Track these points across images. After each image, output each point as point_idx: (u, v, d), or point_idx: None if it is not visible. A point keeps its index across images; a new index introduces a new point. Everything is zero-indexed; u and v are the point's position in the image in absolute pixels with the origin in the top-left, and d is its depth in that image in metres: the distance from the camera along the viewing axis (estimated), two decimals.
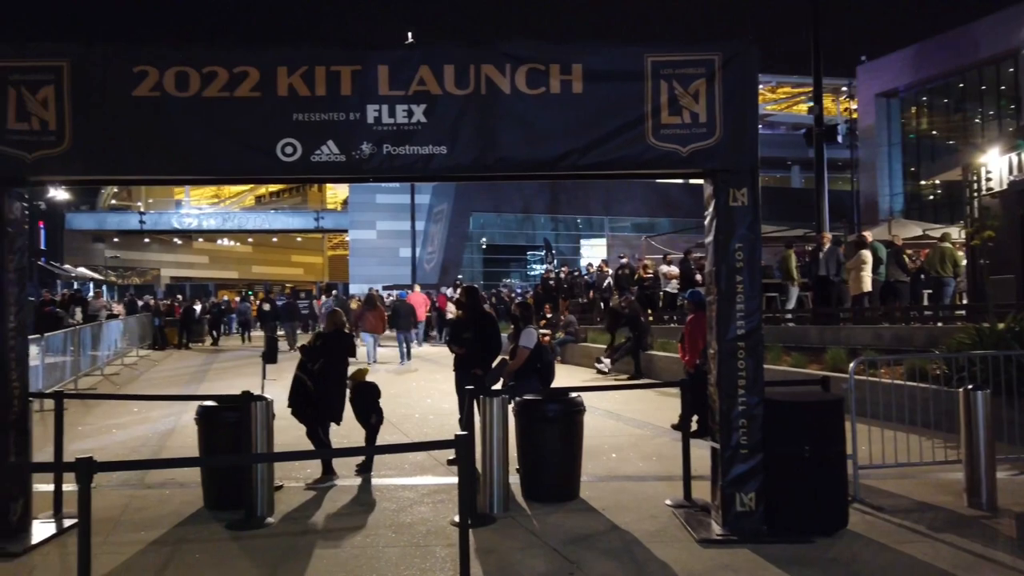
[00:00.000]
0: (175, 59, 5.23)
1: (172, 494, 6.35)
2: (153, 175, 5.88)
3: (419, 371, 16.44)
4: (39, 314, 18.10)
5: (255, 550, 5.03)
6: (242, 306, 30.15)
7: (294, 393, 6.88)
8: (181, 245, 65.45)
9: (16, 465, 5.38)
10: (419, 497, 6.16)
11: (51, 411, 6.59)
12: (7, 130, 5.21)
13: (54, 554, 5.06)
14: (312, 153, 5.29)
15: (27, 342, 5.83)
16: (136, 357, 20.79)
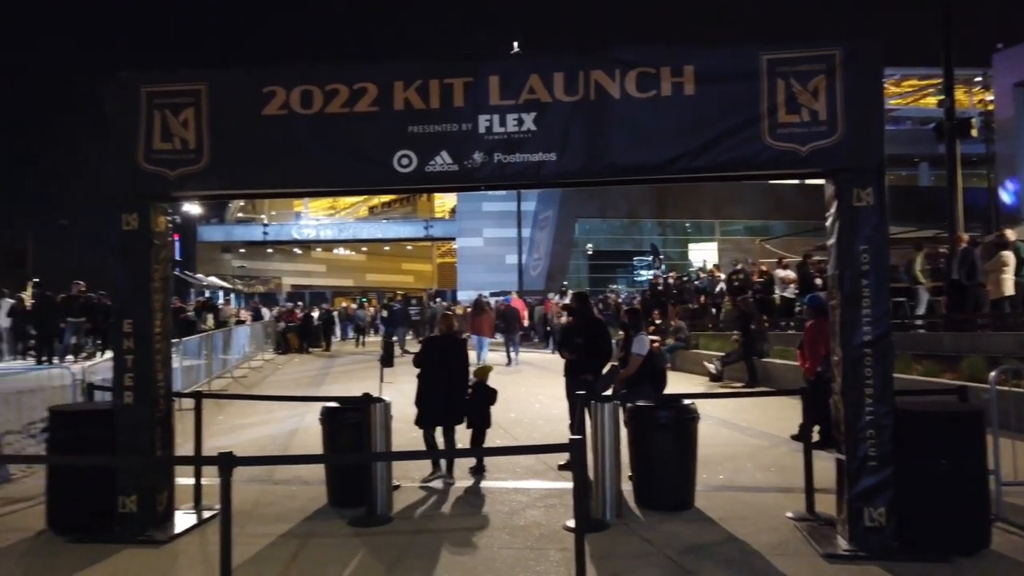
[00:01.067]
0: (300, 78, 5.55)
1: (299, 491, 6.69)
2: (280, 188, 6.27)
3: (525, 375, 16.56)
4: (176, 320, 19.56)
5: (376, 546, 5.22)
6: (358, 312, 31.46)
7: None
8: (301, 255, 68.78)
9: (164, 459, 5.84)
10: (531, 501, 6.22)
11: (188, 410, 7.10)
12: (152, 150, 5.69)
13: (195, 543, 5.45)
14: (427, 163, 5.47)
15: (170, 346, 6.32)
16: (261, 361, 22.01)
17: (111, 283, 5.93)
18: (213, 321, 23.91)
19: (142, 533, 5.51)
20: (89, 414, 6.13)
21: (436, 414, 7.08)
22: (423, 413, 7.05)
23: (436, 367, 7.10)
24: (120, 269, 5.77)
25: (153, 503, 5.71)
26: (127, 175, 5.70)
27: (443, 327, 7.51)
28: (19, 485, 7.29)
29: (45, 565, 5.01)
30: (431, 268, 74.36)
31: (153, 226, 5.83)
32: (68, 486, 5.76)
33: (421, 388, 7.07)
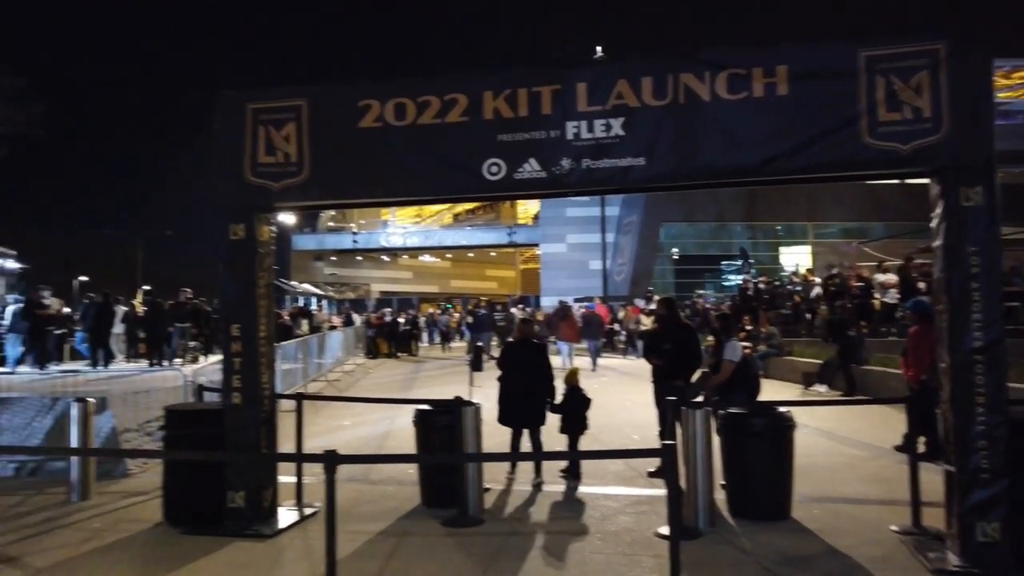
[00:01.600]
0: (394, 91, 5.75)
1: (394, 491, 6.90)
2: (375, 197, 6.50)
3: (611, 381, 16.46)
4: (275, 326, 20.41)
5: (469, 546, 5.34)
6: (442, 318, 32.05)
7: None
8: (388, 262, 70.56)
9: (273, 455, 6.14)
10: (621, 507, 6.20)
11: (287, 412, 7.42)
12: (258, 164, 6.01)
13: (299, 538, 5.71)
14: (515, 171, 5.56)
15: (274, 349, 6.64)
16: (353, 365, 22.72)
17: (220, 289, 6.30)
18: (308, 327, 24.83)
19: (249, 527, 5.81)
20: (201, 413, 6.53)
21: (515, 414, 7.27)
22: (502, 412, 7.28)
23: (514, 370, 7.35)
24: (228, 276, 6.12)
25: (259, 499, 6.01)
26: (235, 188, 6.04)
27: (520, 332, 7.84)
28: (136, 480, 7.82)
29: (164, 555, 5.36)
30: (514, 274, 74.82)
31: (258, 235, 6.16)
32: (182, 482, 6.15)
33: (501, 390, 7.34)
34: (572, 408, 7.28)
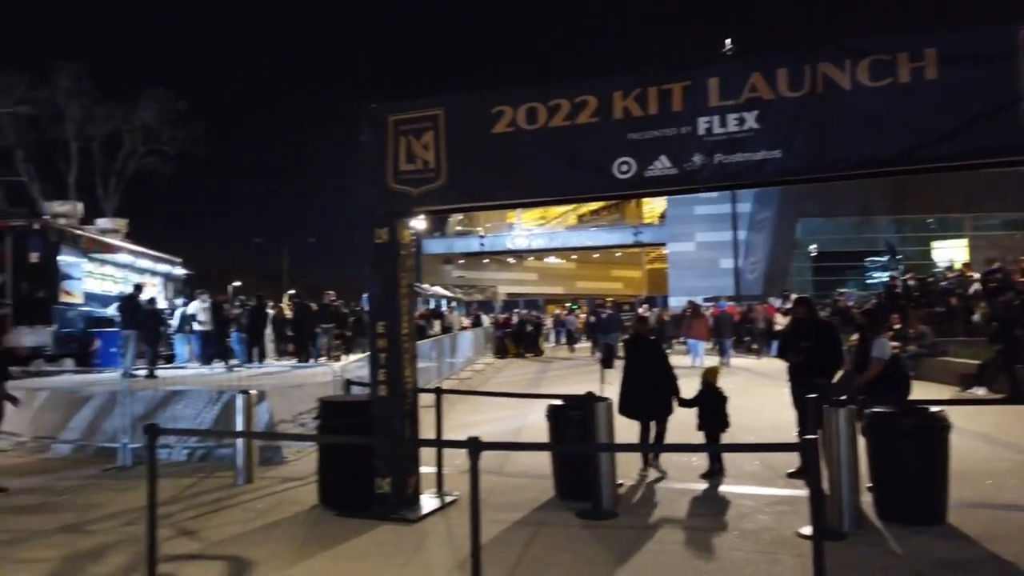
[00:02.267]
0: (526, 97, 5.96)
1: (528, 483, 7.11)
2: (508, 199, 6.74)
3: (744, 381, 15.98)
4: None
5: (604, 538, 5.44)
6: (568, 319, 32.26)
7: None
8: (514, 264, 71.64)
9: (421, 441, 6.51)
10: (759, 506, 6.09)
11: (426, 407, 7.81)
12: (399, 171, 6.40)
13: (441, 523, 6.02)
14: (646, 169, 5.61)
15: (415, 345, 7.02)
16: (483, 364, 23.34)
17: (367, 289, 6.74)
18: (439, 328, 25.75)
19: (395, 512, 6.20)
20: (351, 404, 7.02)
21: (633, 407, 7.53)
22: (621, 404, 7.54)
23: (632, 364, 7.76)
24: (373, 277, 6.55)
25: (404, 486, 6.39)
26: (379, 194, 6.46)
27: (634, 329, 8.35)
28: (292, 466, 8.49)
29: (320, 533, 5.82)
30: (641, 274, 73.87)
31: (400, 239, 6.56)
32: (335, 468, 6.64)
33: (622, 383, 7.70)
34: (708, 404, 7.26)
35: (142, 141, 33.96)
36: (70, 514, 6.53)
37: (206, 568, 5.08)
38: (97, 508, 6.76)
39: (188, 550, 5.48)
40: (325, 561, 5.17)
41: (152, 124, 33.76)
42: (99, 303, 16.79)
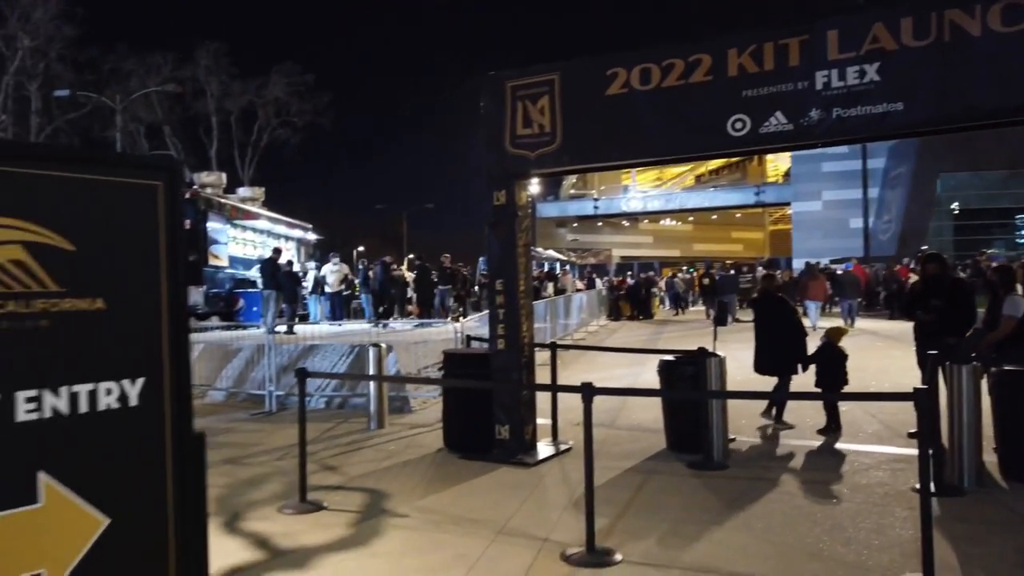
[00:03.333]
0: (640, 58, 6.07)
1: (639, 435, 7.36)
2: (621, 160, 6.88)
3: (869, 343, 15.39)
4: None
5: (714, 487, 5.63)
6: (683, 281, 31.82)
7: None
8: (628, 227, 70.73)
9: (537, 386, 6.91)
10: (875, 463, 6.07)
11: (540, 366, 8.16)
12: (516, 136, 6.68)
13: (556, 468, 6.40)
14: (760, 126, 5.62)
15: (532, 303, 7.36)
16: (596, 326, 23.55)
17: (486, 249, 7.12)
18: (553, 290, 26.10)
19: (514, 457, 6.62)
20: (472, 356, 7.49)
21: (761, 363, 7.78)
22: (755, 362, 7.87)
23: (759, 322, 8.04)
24: (492, 238, 6.91)
25: (521, 433, 6.80)
26: (497, 158, 6.78)
27: (763, 287, 8.51)
28: (418, 415, 9.13)
29: (447, 472, 6.33)
30: (762, 236, 71.13)
31: (517, 200, 6.87)
32: (458, 416, 7.15)
33: (755, 341, 8.01)
34: (826, 361, 7.24)
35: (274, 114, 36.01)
36: (229, 450, 7.39)
37: (348, 496, 5.69)
38: (252, 446, 7.60)
39: (331, 482, 6.13)
40: (452, 495, 5.66)
41: (282, 97, 35.70)
42: (242, 266, 18.31)
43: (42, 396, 1.52)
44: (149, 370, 1.68)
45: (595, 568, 4.13)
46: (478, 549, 4.46)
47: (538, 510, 5.24)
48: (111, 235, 1.63)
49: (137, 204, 1.65)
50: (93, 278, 1.59)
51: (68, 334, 1.56)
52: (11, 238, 1.47)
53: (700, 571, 4.05)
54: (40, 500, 1.51)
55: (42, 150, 1.51)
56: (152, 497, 1.69)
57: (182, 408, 1.74)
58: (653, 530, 4.72)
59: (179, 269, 1.70)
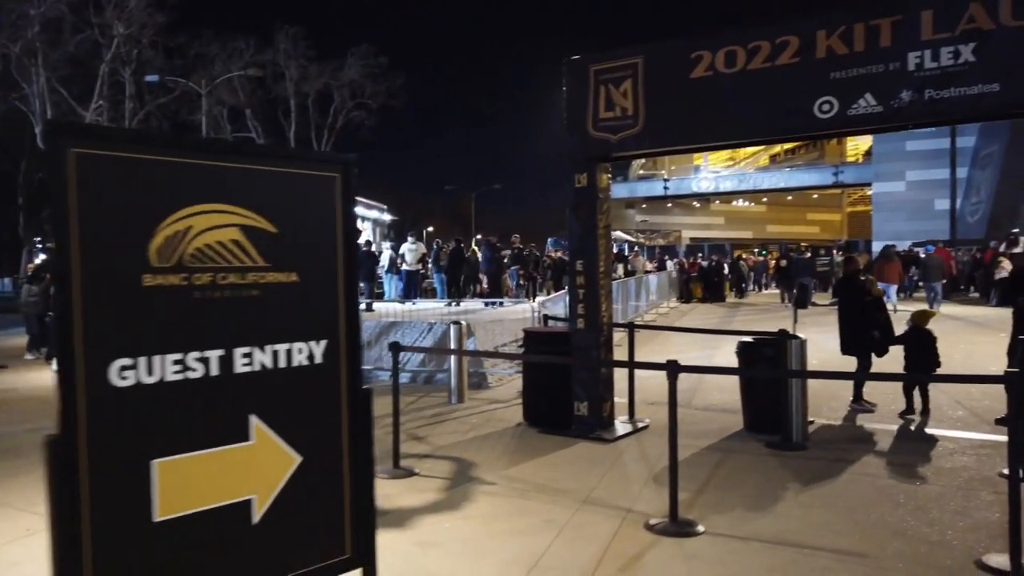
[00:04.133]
0: (725, 41, 6.10)
1: (716, 416, 7.47)
2: (703, 143, 6.94)
3: (955, 329, 14.89)
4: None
5: (793, 467, 5.71)
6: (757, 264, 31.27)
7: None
8: (699, 207, 69.54)
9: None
10: (960, 448, 6.03)
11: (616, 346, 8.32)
12: (599, 119, 6.81)
13: (634, 444, 6.57)
14: (849, 107, 5.60)
15: (611, 283, 7.52)
16: (667, 308, 23.43)
17: (567, 231, 7.30)
18: (623, 271, 26.06)
19: (592, 432, 6.83)
20: (552, 334, 7.70)
21: (844, 344, 7.79)
22: (840, 344, 7.90)
23: (842, 304, 8.06)
24: (573, 219, 7.08)
25: (600, 410, 7.00)
26: (579, 141, 6.93)
27: (846, 270, 8.57)
28: (495, 391, 9.43)
29: (527, 444, 6.59)
30: (839, 217, 68.86)
31: (598, 183, 7.01)
32: (538, 392, 7.39)
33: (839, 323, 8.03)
34: (913, 345, 7.20)
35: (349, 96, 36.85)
36: None
37: (437, 464, 6.02)
38: None
39: (419, 451, 6.47)
40: (535, 466, 5.91)
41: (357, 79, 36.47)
42: None
43: (253, 353, 1.82)
44: (330, 333, 1.97)
45: (679, 537, 4.31)
46: (564, 516, 4.70)
47: (619, 483, 5.44)
48: (302, 219, 1.91)
49: (320, 193, 1.92)
50: (289, 255, 1.88)
51: (272, 302, 1.85)
52: (230, 222, 1.76)
53: (783, 544, 4.18)
54: (252, 438, 1.81)
55: (249, 148, 1.78)
56: (332, 440, 1.97)
57: (354, 366, 2.02)
58: (734, 505, 4.86)
59: (352, 249, 1.98)
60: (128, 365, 1.63)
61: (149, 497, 1.64)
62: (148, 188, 1.61)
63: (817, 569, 3.83)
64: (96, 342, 1.55)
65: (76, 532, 1.52)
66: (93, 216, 1.53)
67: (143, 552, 1.63)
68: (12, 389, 10.04)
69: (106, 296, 1.57)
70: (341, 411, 2.00)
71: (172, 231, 1.66)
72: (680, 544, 4.23)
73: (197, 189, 1.71)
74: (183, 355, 1.70)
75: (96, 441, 1.54)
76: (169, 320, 1.70)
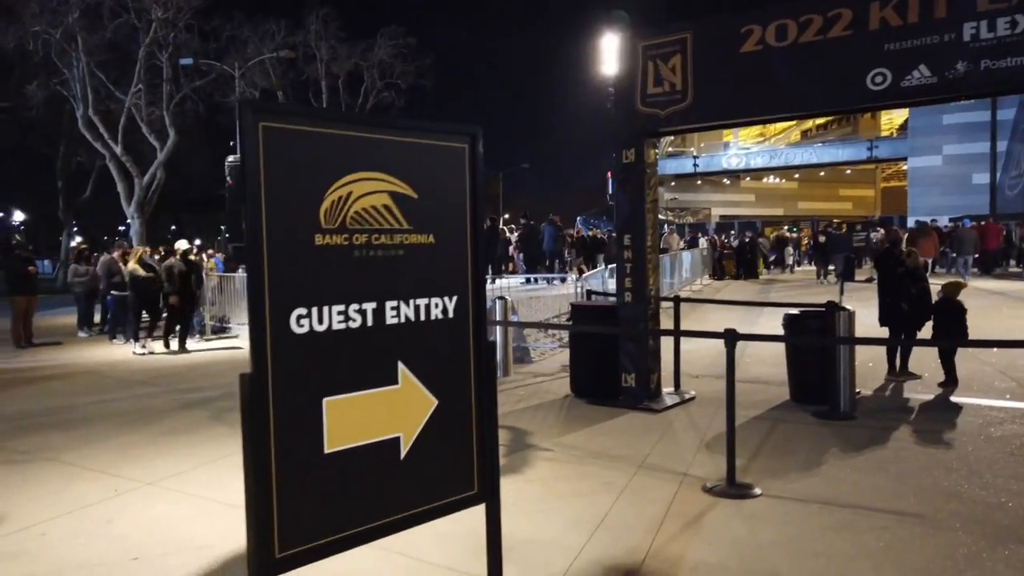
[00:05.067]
0: (777, 14, 6.13)
1: (761, 388, 7.58)
2: (751, 116, 6.98)
3: (996, 304, 14.76)
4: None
5: (843, 435, 5.82)
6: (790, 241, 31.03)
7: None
8: (729, 185, 68.75)
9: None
10: (1009, 417, 6.09)
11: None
12: (647, 94, 6.89)
13: (683, 414, 6.72)
14: (902, 79, 5.63)
15: (658, 257, 7.63)
16: (700, 285, 23.42)
17: (615, 206, 7.42)
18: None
19: (640, 403, 6.99)
20: (598, 308, 7.86)
21: (882, 316, 7.86)
22: (879, 316, 7.95)
23: (883, 278, 8.06)
24: (620, 195, 7.19)
25: (647, 381, 7.15)
26: (627, 117, 7.02)
27: (886, 243, 8.84)
28: (539, 365, 9.61)
29: (576, 414, 6.77)
30: (873, 193, 67.72)
31: (646, 158, 7.11)
32: (585, 364, 7.56)
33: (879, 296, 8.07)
34: (943, 315, 7.25)
35: (379, 76, 37.00)
36: None
37: None
38: None
39: None
40: (587, 434, 6.09)
41: (387, 60, 36.58)
42: None
43: (399, 306, 2.03)
44: (460, 291, 2.16)
45: (737, 499, 4.46)
46: (622, 480, 4.88)
47: (672, 449, 5.60)
48: (437, 186, 2.10)
49: (451, 162, 2.10)
50: (428, 219, 2.08)
51: (414, 261, 2.05)
52: (382, 188, 1.95)
53: (840, 505, 4.31)
54: (399, 382, 2.02)
55: (394, 121, 1.94)
56: (463, 386, 2.17)
57: (480, 321, 2.21)
58: (788, 470, 5.00)
59: (479, 214, 2.16)
60: (303, 314, 1.84)
61: (321, 431, 1.84)
62: (319, 158, 1.80)
63: (876, 528, 3.97)
64: (279, 293, 1.75)
65: (266, 459, 1.72)
66: (277, 182, 1.73)
67: (316, 480, 1.84)
68: (71, 363, 10.46)
69: (286, 253, 1.77)
70: (469, 360, 2.19)
71: (337, 196, 1.86)
72: (739, 505, 4.38)
73: (356, 159, 1.91)
74: (345, 306, 1.90)
75: (279, 379, 1.74)
76: (334, 275, 1.90)
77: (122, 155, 25.83)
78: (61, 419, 6.93)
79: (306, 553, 1.92)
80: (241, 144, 1.70)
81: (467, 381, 2.20)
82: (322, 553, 1.95)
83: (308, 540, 1.89)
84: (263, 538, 1.78)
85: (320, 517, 1.91)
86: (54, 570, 3.65)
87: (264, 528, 1.78)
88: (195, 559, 3.75)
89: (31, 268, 12.53)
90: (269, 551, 1.81)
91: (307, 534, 1.88)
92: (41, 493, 4.81)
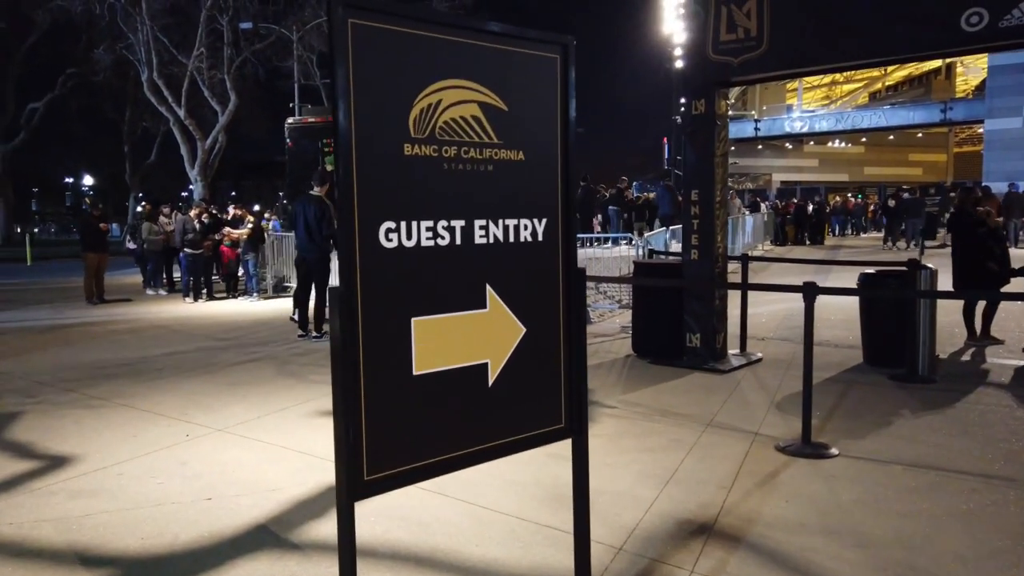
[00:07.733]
0: None
1: (833, 351, 7.31)
2: (835, 63, 6.61)
3: None
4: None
5: (922, 397, 5.56)
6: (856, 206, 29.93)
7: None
8: (791, 150, 66.61)
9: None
10: None
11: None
12: (720, 42, 6.59)
13: (750, 375, 6.53)
14: (1001, 19, 5.23)
15: (727, 213, 7.38)
16: (762, 250, 22.82)
17: (683, 160, 7.17)
18: None
19: (706, 363, 6.82)
20: (663, 266, 7.67)
21: (958, 278, 7.49)
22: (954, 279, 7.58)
23: (955, 238, 7.77)
24: (690, 148, 6.95)
25: (713, 342, 6.96)
26: (697, 66, 6.74)
27: (958, 204, 8.36)
28: (598, 326, 9.47)
29: (640, 374, 6.65)
30: (945, 158, 64.81)
31: (717, 109, 6.83)
32: (647, 323, 7.40)
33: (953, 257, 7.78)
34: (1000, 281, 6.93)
35: None
36: None
37: None
38: None
39: None
40: (652, 393, 5.97)
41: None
42: None
43: (488, 225, 1.93)
44: (550, 213, 2.05)
45: (812, 459, 4.30)
46: (691, 437, 4.75)
47: (741, 409, 5.44)
48: (527, 99, 1.98)
49: (543, 73, 1.98)
50: (518, 134, 1.96)
51: (503, 178, 1.94)
52: (471, 98, 1.85)
53: (923, 467, 4.11)
54: (487, 306, 1.93)
55: (485, 25, 1.84)
56: (551, 314, 2.08)
57: (570, 246, 2.10)
58: (865, 431, 4.80)
59: (570, 131, 2.04)
60: (392, 228, 1.76)
61: (409, 351, 1.78)
62: (409, 61, 1.70)
63: (964, 491, 3.77)
64: (368, 205, 1.67)
65: (356, 376, 1.66)
66: (365, 85, 1.63)
67: (404, 402, 1.78)
68: (141, 319, 10.78)
69: (375, 162, 1.68)
70: (559, 288, 2.09)
71: (426, 103, 1.76)
72: (815, 465, 4.22)
73: (446, 64, 1.80)
74: (434, 223, 1.81)
75: (368, 295, 1.68)
76: (423, 189, 1.81)
77: (185, 118, 26.35)
78: (133, 369, 7.14)
79: (395, 477, 1.87)
80: (330, 43, 1.61)
81: (555, 310, 2.09)
82: (410, 479, 1.91)
83: (397, 464, 1.82)
84: (353, 459, 1.73)
85: (408, 441, 1.84)
86: (132, 506, 3.73)
87: (354, 449, 1.73)
88: (266, 500, 3.79)
89: (103, 225, 12.94)
90: (359, 472, 1.76)
91: (396, 458, 1.82)
92: (118, 436, 4.95)
